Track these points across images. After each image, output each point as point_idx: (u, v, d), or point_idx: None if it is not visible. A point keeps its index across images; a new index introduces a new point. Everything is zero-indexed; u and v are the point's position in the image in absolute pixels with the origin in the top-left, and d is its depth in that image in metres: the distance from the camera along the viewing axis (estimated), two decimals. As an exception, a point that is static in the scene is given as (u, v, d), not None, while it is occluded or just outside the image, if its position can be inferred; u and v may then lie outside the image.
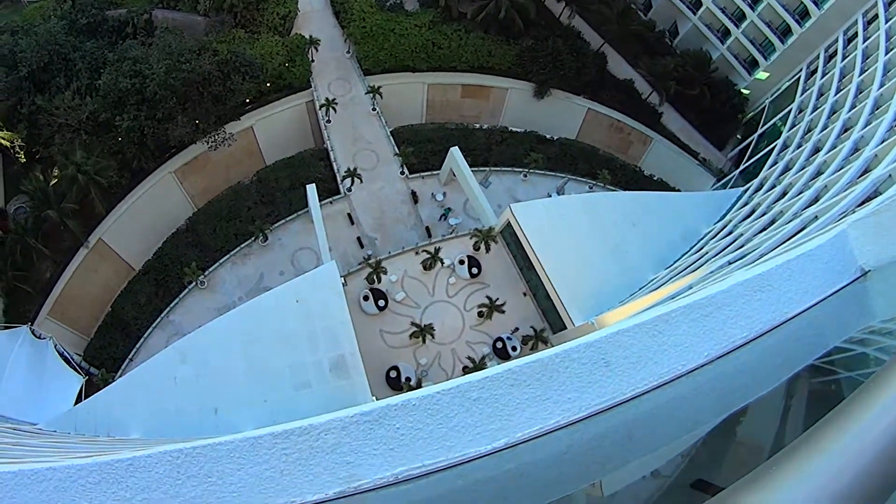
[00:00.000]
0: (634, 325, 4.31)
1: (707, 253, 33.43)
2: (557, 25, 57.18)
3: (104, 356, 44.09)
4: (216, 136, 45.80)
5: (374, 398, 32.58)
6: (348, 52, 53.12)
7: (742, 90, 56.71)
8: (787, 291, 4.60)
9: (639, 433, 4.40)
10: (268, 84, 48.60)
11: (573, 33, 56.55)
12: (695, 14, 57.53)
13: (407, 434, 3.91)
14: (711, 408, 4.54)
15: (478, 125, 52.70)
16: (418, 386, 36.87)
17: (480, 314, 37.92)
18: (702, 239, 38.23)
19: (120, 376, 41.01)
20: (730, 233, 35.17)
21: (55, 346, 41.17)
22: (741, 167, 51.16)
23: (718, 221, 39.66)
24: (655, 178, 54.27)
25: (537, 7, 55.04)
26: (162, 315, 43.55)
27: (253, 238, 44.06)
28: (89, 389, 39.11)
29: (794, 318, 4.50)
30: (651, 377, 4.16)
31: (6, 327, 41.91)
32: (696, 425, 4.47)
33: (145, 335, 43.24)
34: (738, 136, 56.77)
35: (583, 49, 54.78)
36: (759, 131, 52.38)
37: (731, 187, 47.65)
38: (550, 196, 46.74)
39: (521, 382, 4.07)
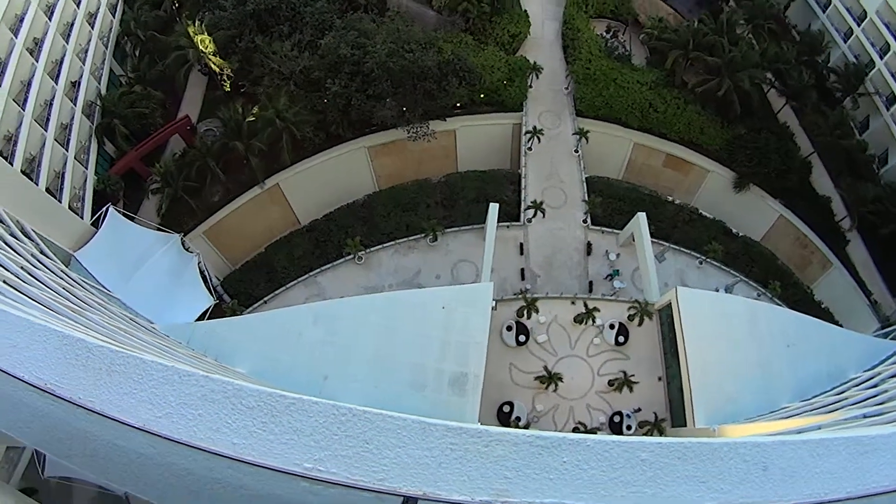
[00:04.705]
0: (800, 440, 4.77)
1: (846, 399, 34.03)
2: (773, 121, 59.16)
3: (241, 289, 49.25)
4: (418, 129, 50.18)
5: (478, 424, 36.82)
6: (567, 88, 56.85)
7: (933, 240, 56.15)
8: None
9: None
10: (481, 95, 52.68)
11: (786, 133, 58.42)
12: (909, 147, 58.10)
13: (570, 470, 4.17)
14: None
15: (670, 198, 55.05)
16: (526, 429, 40.74)
17: (611, 383, 40.22)
18: (846, 382, 38.93)
19: (249, 313, 46.11)
20: (875, 385, 35.74)
21: (199, 263, 46.06)
22: (907, 321, 51.35)
23: (868, 370, 40.22)
24: (823, 306, 54.89)
25: (759, 96, 57.44)
26: (311, 273, 48.47)
27: (423, 235, 48.33)
28: (215, 313, 44.02)
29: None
30: (797, 495, 4.48)
31: (159, 229, 47.10)
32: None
33: (288, 285, 48.23)
34: (915, 286, 57.49)
35: (791, 152, 56.44)
36: (935, 289, 51.95)
37: (892, 338, 48.09)
38: (718, 291, 48.79)
39: (687, 458, 4.42)
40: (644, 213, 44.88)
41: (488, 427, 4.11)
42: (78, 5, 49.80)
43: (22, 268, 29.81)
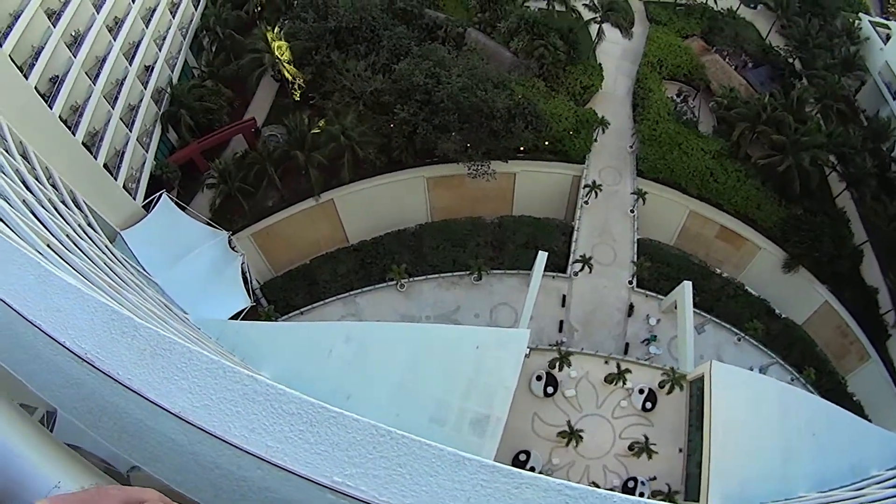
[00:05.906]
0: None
1: (865, 496, 33.83)
2: (830, 204, 59.46)
3: (280, 297, 50.56)
4: (480, 167, 51.24)
5: (492, 467, 37.17)
6: (631, 146, 57.49)
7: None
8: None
9: None
10: (546, 142, 53.56)
11: (842, 218, 58.70)
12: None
13: (591, 524, 4.81)
14: None
15: (718, 270, 55.36)
16: (539, 480, 41.18)
17: (631, 448, 40.39)
18: (867, 479, 38.80)
19: (284, 321, 47.23)
20: (894, 486, 35.58)
21: (242, 264, 47.00)
22: (937, 421, 52.52)
23: (891, 469, 40.13)
24: (855, 398, 54.70)
25: (819, 177, 57.67)
26: (351, 293, 49.59)
27: (468, 272, 49.24)
28: (249, 315, 44.95)
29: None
30: None
31: (209, 224, 48.43)
32: None
33: (326, 300, 49.30)
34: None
35: (845, 238, 56.76)
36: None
37: (920, 438, 49.00)
38: (752, 370, 48.56)
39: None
40: (690, 283, 45.25)
41: (521, 470, 3.99)
42: (162, -6, 51.17)
43: (67, 235, 31.00)
